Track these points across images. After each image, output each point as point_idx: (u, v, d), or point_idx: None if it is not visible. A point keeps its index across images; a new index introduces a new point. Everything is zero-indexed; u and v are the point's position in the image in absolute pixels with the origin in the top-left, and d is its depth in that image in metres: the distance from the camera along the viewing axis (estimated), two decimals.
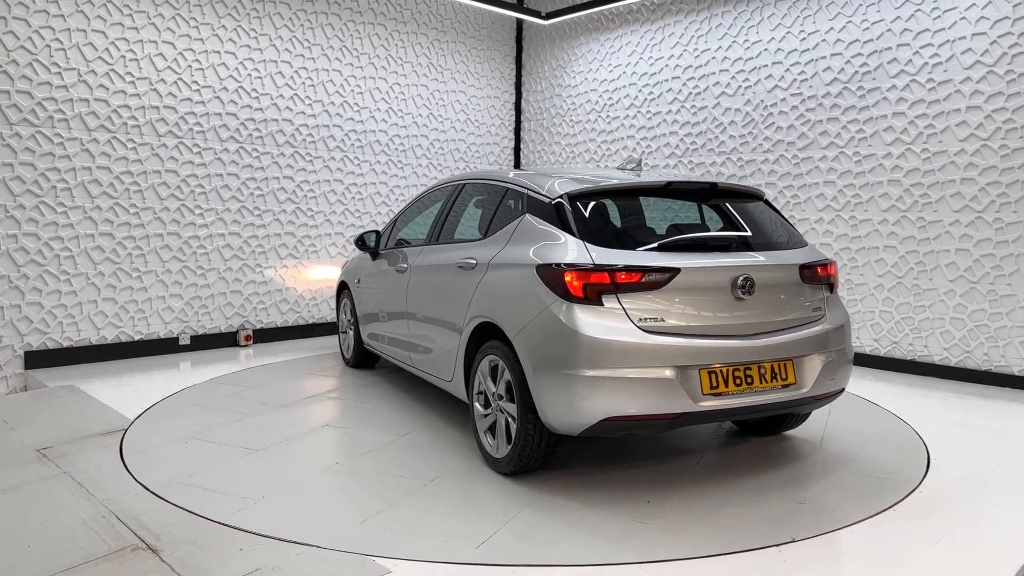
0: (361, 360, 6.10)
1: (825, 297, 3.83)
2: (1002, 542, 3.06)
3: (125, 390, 5.33)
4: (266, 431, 4.42)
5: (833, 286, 3.89)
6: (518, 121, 9.60)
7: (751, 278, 3.46)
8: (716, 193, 3.98)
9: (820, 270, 3.79)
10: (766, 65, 7.06)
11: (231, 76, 6.85)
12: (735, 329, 3.44)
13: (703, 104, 7.58)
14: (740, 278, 3.43)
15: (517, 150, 9.65)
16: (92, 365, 6.05)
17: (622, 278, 3.30)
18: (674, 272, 3.34)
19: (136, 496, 3.41)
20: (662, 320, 3.32)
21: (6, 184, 5.64)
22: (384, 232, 5.76)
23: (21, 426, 4.48)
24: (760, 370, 3.45)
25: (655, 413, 3.26)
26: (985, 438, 4.46)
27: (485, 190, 4.56)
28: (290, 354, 6.73)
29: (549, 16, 8.69)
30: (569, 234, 3.52)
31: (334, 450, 4.19)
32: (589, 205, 3.68)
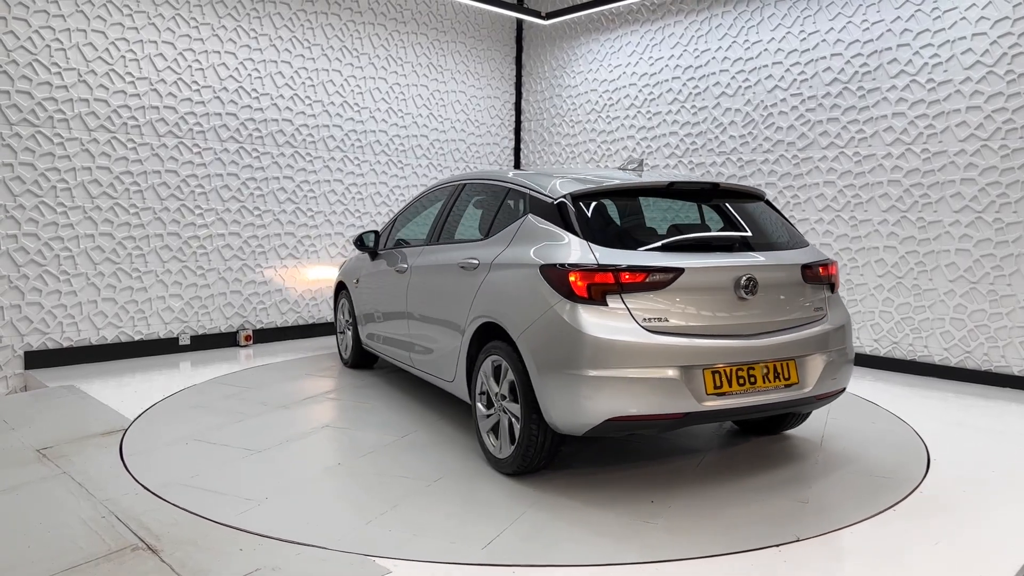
0: (359, 360, 6.10)
1: (826, 297, 3.83)
2: (1002, 542, 3.06)
3: (125, 390, 5.32)
4: (266, 431, 4.42)
5: (834, 286, 3.91)
6: (518, 121, 9.60)
7: (754, 278, 3.46)
8: (718, 193, 3.98)
9: (821, 270, 3.80)
10: (766, 65, 7.06)
11: (231, 76, 6.84)
12: (738, 329, 3.45)
13: (703, 104, 7.58)
14: (743, 278, 3.44)
15: (517, 150, 9.64)
16: (92, 365, 6.04)
17: (626, 278, 3.30)
18: (678, 272, 3.34)
19: (136, 496, 3.41)
20: (666, 320, 3.32)
21: (6, 184, 5.63)
22: (383, 232, 5.75)
23: (21, 426, 4.48)
24: (763, 370, 3.46)
25: (660, 413, 3.26)
26: (985, 438, 4.46)
27: (486, 190, 4.56)
28: (290, 354, 6.72)
29: (549, 16, 8.69)
30: (572, 234, 3.52)
31: (335, 451, 4.18)
32: (592, 205, 3.67)
